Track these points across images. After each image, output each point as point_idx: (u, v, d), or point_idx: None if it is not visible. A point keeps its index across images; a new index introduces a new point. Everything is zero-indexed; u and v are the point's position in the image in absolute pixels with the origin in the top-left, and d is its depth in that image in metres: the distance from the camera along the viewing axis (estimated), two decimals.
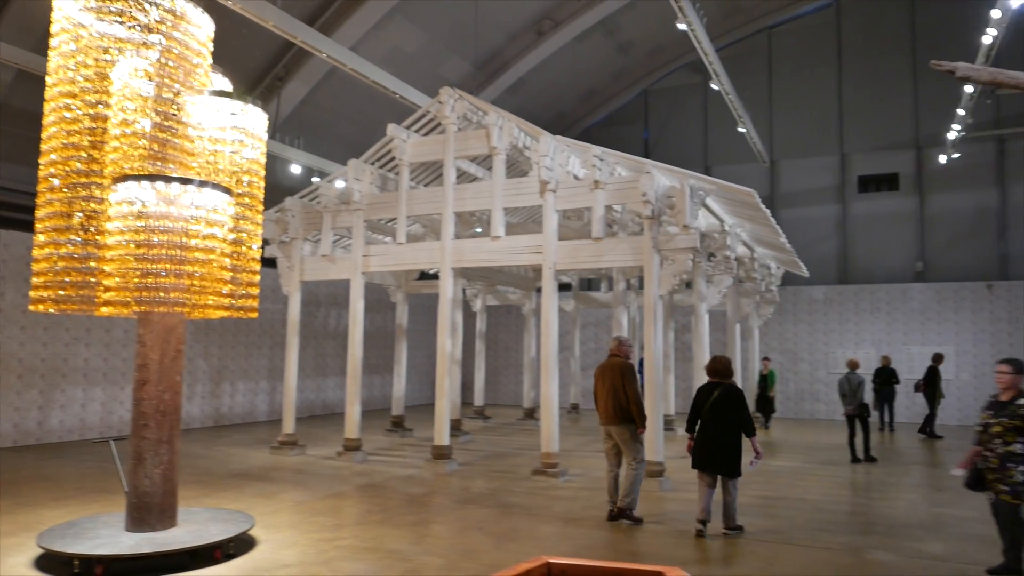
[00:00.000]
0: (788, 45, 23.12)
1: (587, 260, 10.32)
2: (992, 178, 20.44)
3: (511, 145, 10.96)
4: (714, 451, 7.15)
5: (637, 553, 6.58)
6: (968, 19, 18.83)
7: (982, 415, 6.05)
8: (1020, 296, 18.54)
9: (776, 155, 22.90)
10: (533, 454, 11.72)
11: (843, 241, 21.75)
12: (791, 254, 15.60)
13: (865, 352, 19.15)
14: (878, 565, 6.27)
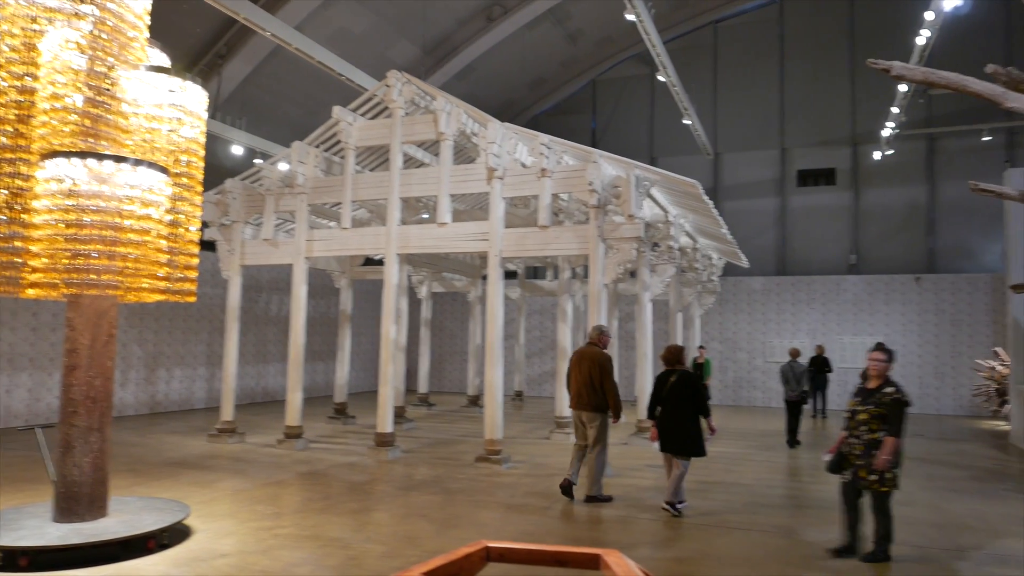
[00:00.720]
0: (733, 40, 23.54)
1: (533, 248, 10.35)
2: (923, 175, 21.26)
3: (459, 131, 10.89)
4: (672, 433, 7.59)
5: (578, 538, 6.66)
6: (904, 20, 19.48)
7: (850, 402, 6.17)
8: (946, 289, 19.37)
9: (720, 148, 23.33)
10: (477, 441, 11.75)
11: (782, 233, 22.34)
12: (732, 245, 15.95)
13: (800, 341, 19.77)
14: (810, 545, 6.50)
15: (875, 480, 5.88)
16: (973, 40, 19.89)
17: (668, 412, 7.65)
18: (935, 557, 6.25)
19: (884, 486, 5.88)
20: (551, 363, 21.47)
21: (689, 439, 7.55)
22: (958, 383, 18.94)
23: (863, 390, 6.14)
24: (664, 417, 7.68)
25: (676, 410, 7.59)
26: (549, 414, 15.72)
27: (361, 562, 5.84)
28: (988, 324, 18.89)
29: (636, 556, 6.06)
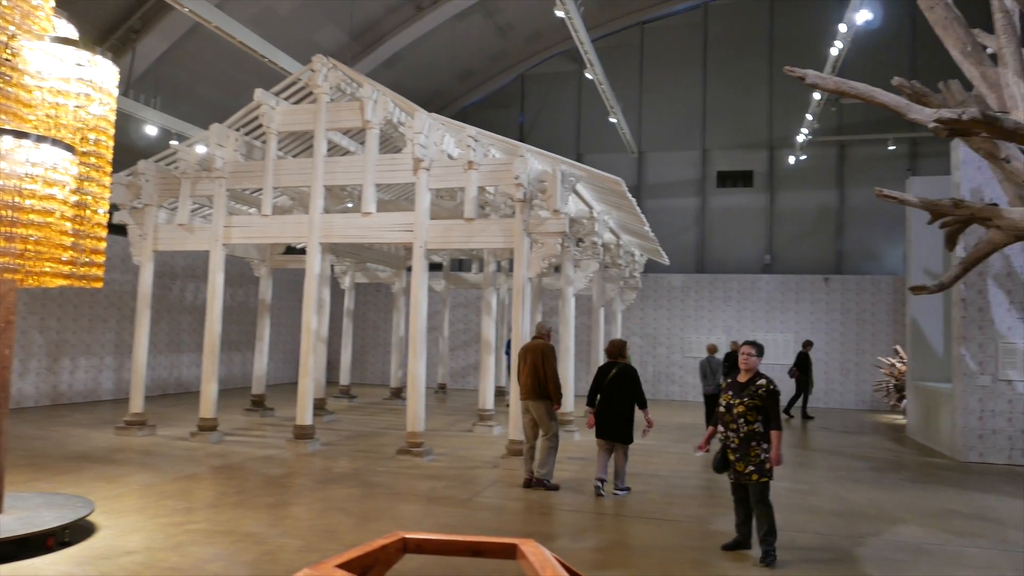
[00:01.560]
0: (659, 41, 24.05)
1: (458, 240, 10.32)
2: (833, 180, 22.27)
3: (385, 120, 10.74)
4: (612, 421, 8.09)
5: (499, 529, 6.70)
6: (820, 31, 20.31)
7: (725, 396, 6.15)
8: (852, 289, 20.35)
9: (644, 146, 23.82)
10: (399, 434, 11.66)
11: (701, 232, 23.01)
12: (654, 243, 16.31)
13: (717, 338, 20.40)
14: (719, 535, 6.72)
15: (754, 472, 5.92)
16: (882, 53, 20.93)
17: (607, 401, 8.12)
18: (836, 544, 6.57)
19: (764, 477, 5.92)
20: (475, 356, 21.50)
21: (625, 427, 8.12)
22: (861, 379, 19.95)
23: (736, 384, 6.18)
24: (603, 406, 8.14)
25: (615, 400, 8.09)
26: (472, 407, 15.72)
27: (277, 557, 5.71)
28: (889, 323, 19.96)
29: (555, 546, 6.15)
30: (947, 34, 7.34)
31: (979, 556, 6.33)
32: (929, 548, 6.52)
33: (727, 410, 6.09)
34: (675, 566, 5.81)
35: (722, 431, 6.14)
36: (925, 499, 8.60)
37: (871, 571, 5.80)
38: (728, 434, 6.07)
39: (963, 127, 5.51)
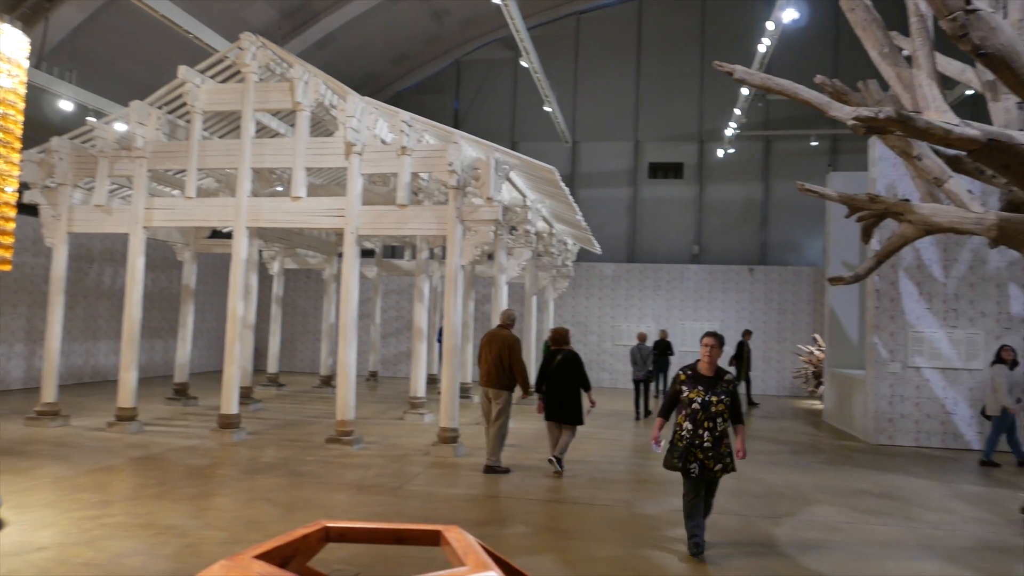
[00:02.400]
0: (594, 32, 24.23)
1: (391, 227, 10.21)
2: (759, 174, 22.95)
3: (317, 102, 10.50)
4: (560, 405, 8.57)
5: (428, 517, 6.69)
6: (749, 28, 20.84)
7: (693, 391, 5.73)
8: (775, 279, 21.06)
9: (578, 136, 24.00)
10: (328, 422, 11.49)
11: (633, 222, 23.39)
12: (586, 232, 16.50)
13: (646, 326, 20.82)
14: (645, 517, 6.89)
15: (722, 468, 5.72)
16: (808, 51, 21.62)
17: (555, 386, 8.61)
18: (756, 524, 6.82)
19: (728, 470, 5.74)
20: (407, 344, 21.34)
21: (573, 409, 8.60)
22: (782, 366, 20.71)
23: (701, 378, 5.83)
24: (551, 390, 8.63)
25: (562, 384, 8.59)
26: (404, 395, 15.63)
27: (198, 549, 5.56)
28: (809, 313, 20.76)
29: (484, 532, 6.19)
30: (866, 35, 7.63)
31: (886, 533, 6.67)
32: (841, 526, 6.84)
33: (703, 408, 5.68)
34: (602, 549, 5.92)
35: (688, 428, 5.71)
36: (839, 480, 9.01)
37: (788, 550, 6.04)
38: (700, 432, 5.67)
39: (879, 125, 5.73)
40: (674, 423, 5.93)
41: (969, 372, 12.06)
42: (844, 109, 6.39)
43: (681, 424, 5.79)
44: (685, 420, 5.77)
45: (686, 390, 5.81)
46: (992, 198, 10.45)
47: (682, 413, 5.81)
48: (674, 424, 5.92)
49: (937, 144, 6.38)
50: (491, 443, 8.66)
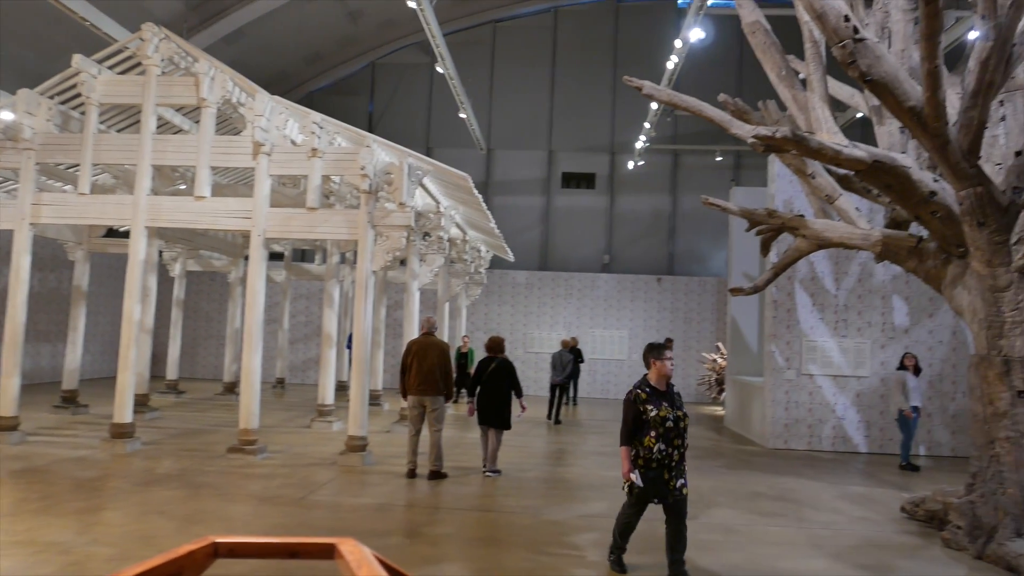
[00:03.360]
0: (511, 41, 24.44)
1: (300, 230, 9.96)
2: (667, 186, 23.68)
3: (223, 99, 10.15)
4: (492, 409, 9.02)
5: (334, 528, 6.56)
6: (660, 44, 21.51)
7: (662, 409, 5.36)
8: (681, 289, 21.75)
9: (493, 144, 24.13)
10: (231, 431, 11.09)
11: (546, 231, 23.68)
12: (500, 239, 16.59)
13: (558, 333, 21.11)
14: (552, 524, 6.97)
15: (684, 484, 5.43)
16: (714, 70, 22.50)
17: (488, 392, 9.07)
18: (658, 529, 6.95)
19: (686, 487, 5.50)
20: (316, 349, 20.87)
21: (503, 415, 9.07)
22: (687, 373, 21.38)
23: (661, 393, 5.46)
24: (484, 396, 9.08)
25: (495, 390, 9.04)
26: (312, 402, 15.25)
27: (83, 567, 5.25)
28: (713, 322, 21.53)
29: (390, 543, 6.11)
30: (766, 58, 8.02)
31: (780, 533, 6.98)
32: (739, 528, 7.11)
33: (675, 424, 5.34)
34: (509, 556, 5.95)
35: (660, 449, 5.31)
36: (737, 483, 9.36)
37: (688, 552, 6.22)
38: (670, 451, 5.32)
39: (776, 144, 6.04)
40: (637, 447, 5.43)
41: (857, 379, 12.79)
42: (744, 127, 6.69)
43: (651, 446, 5.32)
44: (656, 441, 5.31)
45: (653, 408, 5.35)
46: (879, 216, 11.14)
47: (650, 434, 5.33)
48: (635, 449, 5.43)
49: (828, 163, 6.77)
50: (436, 448, 8.82)
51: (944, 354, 12.73)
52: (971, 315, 6.93)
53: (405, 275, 13.35)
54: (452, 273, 17.06)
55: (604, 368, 21.54)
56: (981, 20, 5.56)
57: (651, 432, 5.32)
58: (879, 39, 7.65)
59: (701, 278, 22.00)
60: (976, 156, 6.16)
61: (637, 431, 5.40)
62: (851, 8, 7.64)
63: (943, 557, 6.43)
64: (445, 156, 22.04)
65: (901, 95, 5.72)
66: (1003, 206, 6.39)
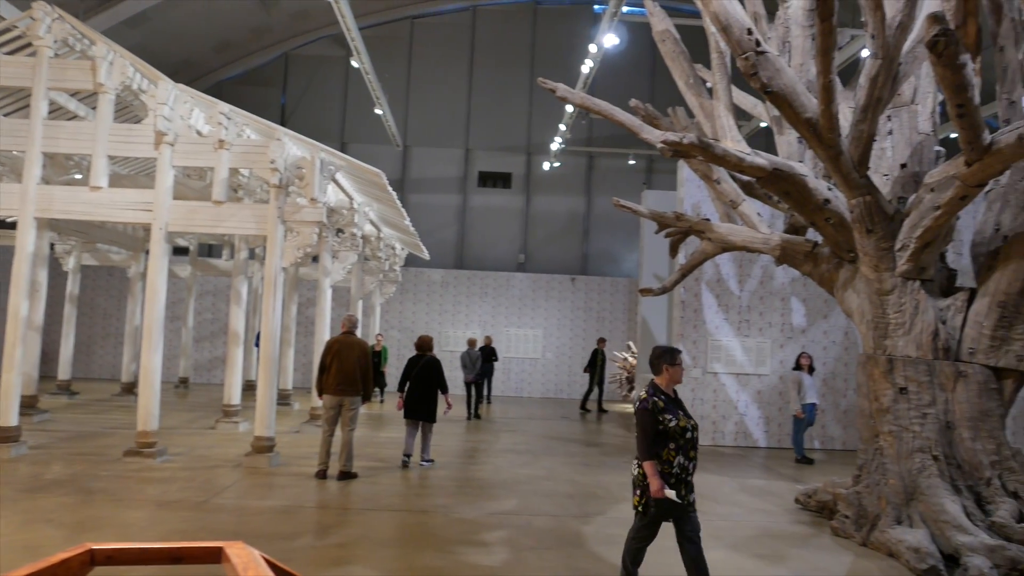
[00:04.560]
0: (429, 38, 24.29)
1: (205, 224, 9.60)
2: (582, 188, 24.07)
3: (123, 85, 9.66)
4: (419, 404, 9.56)
5: (238, 532, 6.35)
6: (576, 47, 21.83)
7: (682, 419, 4.82)
8: (595, 289, 22.16)
9: (409, 141, 23.93)
10: (128, 433, 10.57)
11: (462, 229, 23.67)
12: (415, 237, 16.47)
13: (473, 332, 21.13)
14: (462, 522, 6.97)
15: (694, 500, 4.96)
16: (629, 75, 23.03)
17: (416, 387, 9.59)
18: (567, 524, 7.12)
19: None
20: (223, 348, 20.16)
21: (430, 408, 9.61)
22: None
23: (674, 401, 4.97)
24: (412, 391, 9.61)
25: (423, 386, 9.57)
26: (217, 402, 14.73)
27: None
28: (624, 321, 22.03)
29: (296, 545, 5.98)
30: (675, 66, 8.27)
31: None
32: None
33: (692, 435, 4.87)
34: (418, 556, 5.92)
35: (680, 464, 4.79)
36: None
37: (595, 546, 6.36)
38: (687, 465, 4.84)
39: (684, 150, 6.24)
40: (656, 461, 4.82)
41: (758, 377, 13.36)
42: (654, 133, 6.89)
43: (670, 460, 4.77)
44: (676, 454, 4.77)
45: (672, 418, 4.79)
46: (779, 221, 11.66)
47: (669, 447, 4.77)
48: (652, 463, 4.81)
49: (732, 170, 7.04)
50: (348, 448, 8.72)
51: (837, 353, 13.45)
52: (859, 316, 7.35)
53: (317, 272, 13.08)
54: (366, 270, 16.82)
55: (519, 367, 21.70)
56: (871, 39, 5.91)
57: (670, 444, 4.76)
58: (780, 53, 8.02)
59: (614, 278, 22.47)
60: (866, 167, 6.54)
61: (659, 443, 4.79)
62: (754, 22, 7.98)
63: (832, 545, 6.80)
64: (360, 152, 21.70)
65: (799, 107, 6.02)
66: (889, 215, 6.80)
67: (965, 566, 5.75)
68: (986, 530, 6.07)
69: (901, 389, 6.82)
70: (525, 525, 6.94)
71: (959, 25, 5.97)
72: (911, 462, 6.63)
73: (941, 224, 6.38)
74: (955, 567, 5.91)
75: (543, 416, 16.83)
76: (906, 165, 7.36)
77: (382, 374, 17.83)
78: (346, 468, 8.73)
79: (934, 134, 7.49)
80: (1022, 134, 5.22)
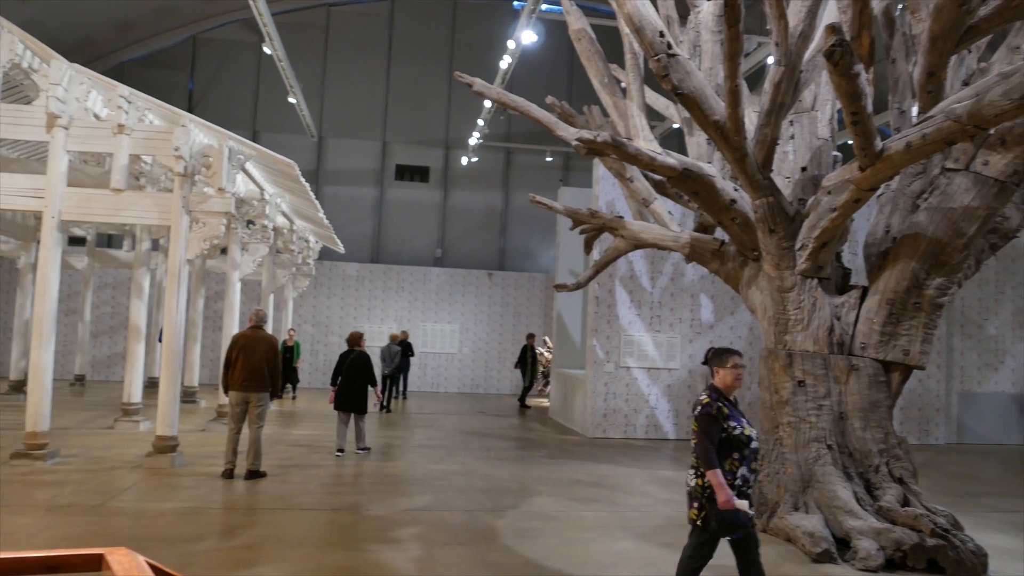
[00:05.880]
0: (345, 27, 23.81)
1: (103, 213, 9.12)
2: (500, 183, 24.15)
3: (12, 63, 9.01)
4: (350, 397, 10.14)
5: (136, 536, 6.06)
6: (496, 43, 21.84)
7: (747, 427, 4.35)
8: (511, 284, 22.28)
9: (325, 131, 23.42)
10: (16, 434, 9.92)
11: (378, 223, 23.35)
12: (329, 230, 16.14)
13: (389, 327, 20.89)
14: (374, 520, 6.89)
15: (754, 514, 4.41)
16: (547, 73, 23.23)
17: (346, 381, 10.15)
18: (480, 519, 7.13)
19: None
20: (123, 344, 19.21)
21: (361, 401, 10.21)
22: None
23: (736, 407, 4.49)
24: (343, 384, 10.16)
25: (352, 380, 10.14)
26: (117, 401, 14.02)
27: None
28: (541, 316, 22.25)
29: (199, 549, 5.77)
30: (590, 65, 8.39)
31: (595, 518, 7.36)
32: (556, 515, 7.41)
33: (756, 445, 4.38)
34: (328, 555, 5.81)
35: (743, 476, 4.29)
36: (558, 472, 9.75)
37: (508, 540, 6.40)
38: (750, 476, 4.35)
39: (598, 148, 6.34)
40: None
41: (668, 371, 13.74)
42: (569, 130, 6.97)
43: (733, 471, 4.28)
44: (740, 465, 4.28)
45: (736, 426, 4.32)
46: (689, 220, 12.02)
47: (732, 456, 4.29)
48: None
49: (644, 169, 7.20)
50: (256, 446, 8.48)
51: (742, 348, 13.97)
52: (762, 313, 7.66)
53: (226, 265, 12.63)
54: (278, 264, 16.36)
55: (435, 362, 21.61)
56: (775, 47, 6.15)
57: (733, 454, 4.28)
58: (691, 56, 8.25)
59: (531, 274, 22.65)
60: (769, 169, 6.81)
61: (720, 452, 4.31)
62: (667, 25, 8.19)
63: None
64: (273, 142, 21.07)
65: (707, 109, 6.20)
66: (790, 215, 7.11)
67: (855, 548, 6.09)
68: (874, 514, 6.44)
69: (799, 382, 7.15)
70: (438, 521, 6.91)
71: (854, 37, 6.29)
72: (808, 451, 6.96)
73: (837, 225, 6.72)
74: (846, 550, 6.25)
75: (459, 411, 16.82)
76: (806, 168, 7.71)
77: (295, 370, 17.41)
78: (254, 467, 8.47)
79: (832, 139, 7.87)
80: (910, 142, 5.55)
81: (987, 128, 5.20)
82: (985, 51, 7.41)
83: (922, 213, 6.66)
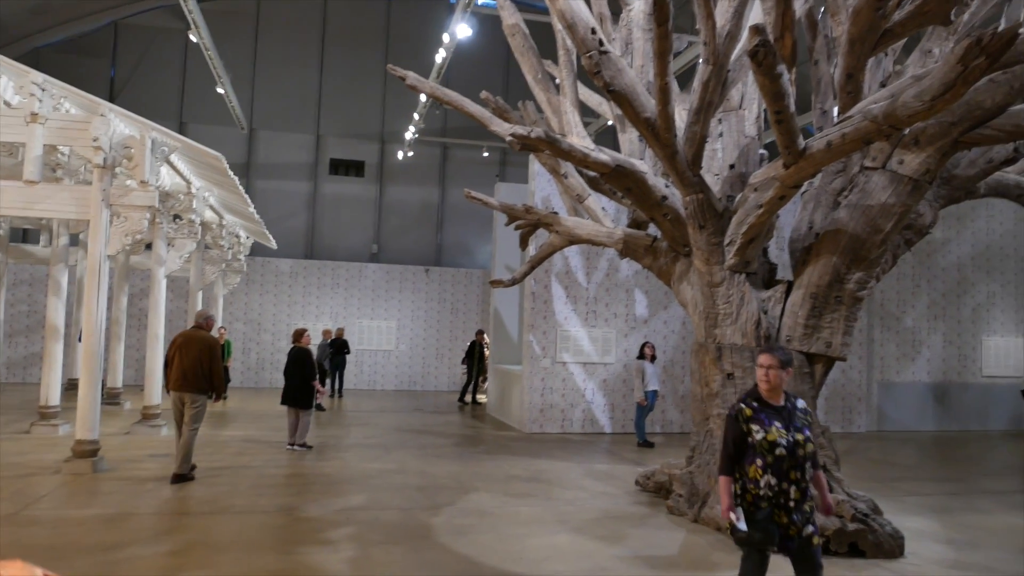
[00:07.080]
0: (277, 17, 23.26)
1: (15, 206, 8.67)
2: (436, 178, 24.02)
3: None
4: (292, 393, 10.42)
5: (52, 546, 5.80)
6: (431, 36, 21.66)
7: (772, 431, 3.95)
8: (448, 280, 22.18)
9: (256, 124, 22.84)
10: None
11: (312, 218, 22.92)
12: (260, 225, 15.75)
13: (324, 324, 20.52)
14: (307, 521, 6.76)
15: (813, 532, 3.96)
16: (484, 67, 23.18)
17: (288, 376, 10.46)
18: (416, 517, 7.08)
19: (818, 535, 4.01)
20: (40, 343, 18.33)
21: (304, 396, 10.45)
22: (453, 363, 21.87)
23: (776, 409, 4.06)
24: (286, 380, 10.48)
25: (294, 375, 10.42)
26: (33, 403, 13.38)
27: None
28: (478, 312, 22.23)
29: (122, 557, 5.55)
30: (524, 60, 8.40)
31: (530, 512, 7.39)
32: (493, 510, 7.41)
33: (790, 451, 3.93)
34: (259, 559, 5.67)
35: (769, 484, 3.94)
36: (495, 468, 9.76)
37: (444, 538, 6.37)
38: (784, 487, 3.94)
39: (531, 144, 6.34)
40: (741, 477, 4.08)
41: (604, 366, 13.91)
42: (503, 126, 6.95)
43: (757, 478, 3.98)
44: (764, 472, 3.96)
45: (759, 430, 4.00)
46: (624, 216, 12.18)
47: (756, 463, 3.99)
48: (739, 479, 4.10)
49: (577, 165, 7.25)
50: (183, 450, 8.23)
51: (676, 342, 14.27)
52: (693, 307, 7.82)
53: (151, 261, 12.19)
54: (207, 259, 15.87)
55: (372, 359, 21.36)
56: (703, 46, 6.27)
57: (756, 460, 3.99)
58: (623, 54, 8.34)
59: (467, 270, 22.59)
60: (699, 166, 6.95)
61: (740, 457, 4.07)
62: (599, 23, 8.25)
63: (667, 523, 7.21)
64: (201, 133, 20.41)
65: (638, 106, 6.28)
66: (719, 212, 7.27)
67: None
68: None
69: (728, 375, 7.32)
70: (373, 520, 6.83)
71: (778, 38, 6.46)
72: None
73: (763, 221, 6.90)
74: None
75: (396, 409, 16.67)
76: (734, 166, 7.90)
77: (227, 368, 16.93)
78: (181, 471, 8.20)
79: (759, 138, 8.08)
80: (830, 140, 5.74)
81: (902, 128, 5.41)
82: (901, 54, 7.73)
83: (843, 210, 6.90)
